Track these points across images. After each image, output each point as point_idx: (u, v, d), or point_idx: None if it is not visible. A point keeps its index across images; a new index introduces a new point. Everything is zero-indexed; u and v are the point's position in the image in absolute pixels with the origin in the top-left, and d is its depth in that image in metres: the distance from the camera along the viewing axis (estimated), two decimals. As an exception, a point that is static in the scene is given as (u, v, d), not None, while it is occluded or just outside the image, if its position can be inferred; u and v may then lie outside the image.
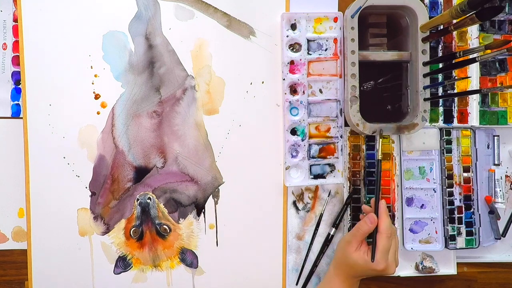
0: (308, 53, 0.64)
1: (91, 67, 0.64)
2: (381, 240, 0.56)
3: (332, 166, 0.66)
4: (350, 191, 0.67)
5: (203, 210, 0.66)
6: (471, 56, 0.54)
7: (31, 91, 0.63)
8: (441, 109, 0.67)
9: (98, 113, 0.64)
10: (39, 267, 0.65)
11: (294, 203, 0.67)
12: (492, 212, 0.67)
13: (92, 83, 0.64)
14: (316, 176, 0.65)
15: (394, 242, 0.58)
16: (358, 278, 0.60)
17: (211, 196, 0.66)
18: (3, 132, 0.65)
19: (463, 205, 0.67)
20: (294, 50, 0.64)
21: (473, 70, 0.67)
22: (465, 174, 0.67)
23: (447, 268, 0.68)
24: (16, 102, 0.65)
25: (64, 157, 0.64)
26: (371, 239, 0.58)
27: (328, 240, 0.66)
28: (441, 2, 0.66)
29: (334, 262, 0.61)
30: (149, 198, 0.65)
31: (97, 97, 0.64)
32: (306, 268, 0.67)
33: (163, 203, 0.65)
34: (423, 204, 0.67)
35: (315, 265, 0.66)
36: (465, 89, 0.67)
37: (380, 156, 0.61)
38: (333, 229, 0.66)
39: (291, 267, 0.67)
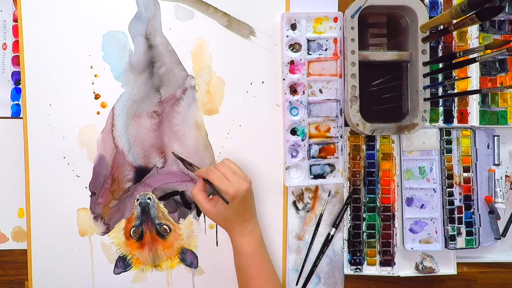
0: (308, 53, 0.64)
1: (91, 67, 0.64)
2: (210, 178, 0.56)
3: (332, 166, 0.66)
4: (350, 191, 0.67)
5: (203, 210, 0.66)
6: (471, 56, 0.54)
7: (31, 91, 0.63)
8: (441, 109, 0.67)
9: (98, 113, 0.64)
10: (39, 267, 0.65)
11: (294, 203, 0.67)
12: (492, 212, 0.67)
13: (92, 83, 0.64)
14: (316, 176, 0.65)
15: (228, 166, 0.58)
16: (241, 217, 0.58)
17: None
18: (3, 132, 0.65)
19: (463, 205, 0.67)
20: (294, 50, 0.64)
21: (473, 70, 0.67)
22: (465, 174, 0.67)
23: (447, 268, 0.68)
24: (16, 102, 0.65)
25: (64, 157, 0.64)
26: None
27: (328, 240, 0.66)
28: (441, 2, 0.66)
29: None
30: (149, 198, 0.65)
31: (97, 97, 0.64)
32: (306, 268, 0.67)
33: (163, 203, 0.65)
34: (423, 204, 0.67)
35: (315, 265, 0.66)
36: (465, 89, 0.67)
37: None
38: (333, 229, 0.66)
39: (291, 267, 0.67)
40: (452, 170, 0.67)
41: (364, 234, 0.67)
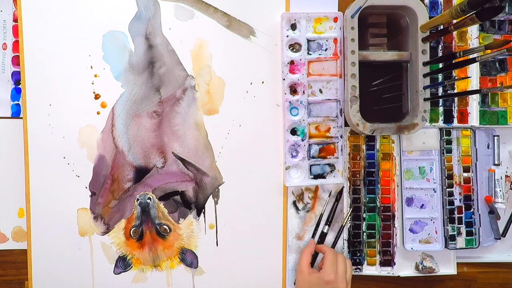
0: (308, 53, 0.64)
1: (91, 67, 0.64)
2: (328, 253, 0.61)
3: (332, 166, 0.66)
4: (350, 191, 0.67)
5: (203, 210, 0.66)
6: (471, 56, 0.54)
7: (31, 91, 0.63)
8: (441, 109, 0.67)
9: (98, 113, 0.64)
10: (39, 267, 0.65)
11: (294, 203, 0.67)
12: (492, 212, 0.67)
13: (92, 83, 0.64)
14: (316, 176, 0.65)
15: (343, 261, 0.61)
16: None
17: (211, 196, 0.66)
18: (3, 132, 0.65)
19: (463, 205, 0.67)
20: (294, 50, 0.64)
21: (473, 70, 0.67)
22: (465, 174, 0.67)
23: (447, 268, 0.68)
24: (16, 102, 0.65)
25: (64, 157, 0.64)
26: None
27: (322, 238, 0.66)
28: (441, 2, 0.66)
29: None
30: (149, 198, 0.65)
31: (97, 97, 0.64)
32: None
33: (163, 203, 0.65)
34: (423, 204, 0.67)
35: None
36: (465, 89, 0.67)
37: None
38: (326, 226, 0.66)
39: (291, 267, 0.67)
40: (452, 170, 0.67)
41: (364, 234, 0.67)
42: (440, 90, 0.67)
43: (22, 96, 0.63)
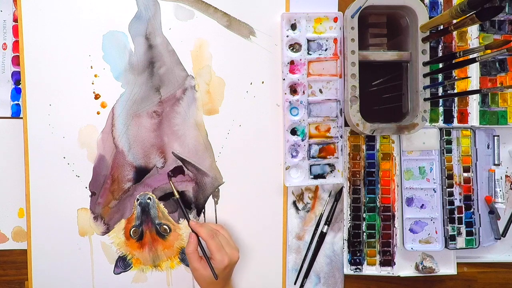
0: (308, 53, 0.64)
1: (91, 67, 0.64)
2: (208, 242, 0.58)
3: (332, 166, 0.66)
4: (350, 191, 0.67)
5: (203, 210, 0.66)
6: (471, 56, 0.54)
7: (31, 91, 0.63)
8: (441, 109, 0.67)
9: (98, 113, 0.64)
10: (39, 267, 0.65)
11: (294, 203, 0.67)
12: (492, 212, 0.67)
13: (92, 83, 0.64)
14: (316, 176, 0.65)
15: (222, 235, 0.61)
16: (224, 283, 0.60)
17: (211, 196, 0.66)
18: (3, 132, 0.65)
19: (463, 205, 0.67)
20: (294, 50, 0.64)
21: (473, 70, 0.67)
22: (465, 174, 0.67)
23: (447, 268, 0.68)
24: (16, 102, 0.65)
25: (64, 157, 0.64)
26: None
27: (322, 237, 0.66)
28: (441, 2, 0.66)
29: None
30: (149, 198, 0.65)
31: (97, 97, 0.64)
32: (304, 267, 0.67)
33: (163, 203, 0.65)
34: (423, 204, 0.67)
35: (311, 262, 0.66)
36: (465, 89, 0.67)
37: None
38: (326, 226, 0.66)
39: (291, 267, 0.67)
40: (452, 170, 0.67)
41: (364, 234, 0.67)
42: (440, 90, 0.67)
43: (22, 96, 0.63)
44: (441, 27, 0.61)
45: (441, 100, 0.66)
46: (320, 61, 0.64)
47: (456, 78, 0.67)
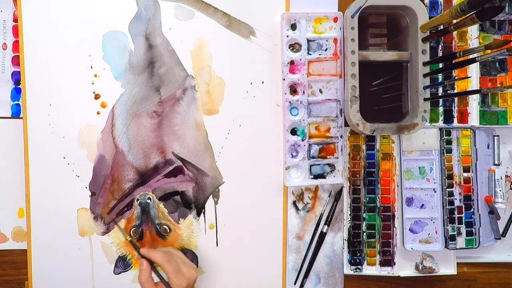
0: (308, 53, 0.64)
1: (91, 67, 0.64)
2: (166, 268, 0.56)
3: (332, 166, 0.66)
4: (350, 191, 0.67)
5: (203, 210, 0.66)
6: (471, 56, 0.54)
7: (31, 91, 0.63)
8: (441, 109, 0.67)
9: (98, 113, 0.64)
10: (39, 267, 0.65)
11: (294, 203, 0.67)
12: (492, 212, 0.67)
13: (92, 83, 0.64)
14: (316, 176, 0.65)
15: (176, 255, 0.59)
16: None
17: (211, 196, 0.66)
18: (3, 132, 0.65)
19: (463, 205, 0.67)
20: (294, 50, 0.64)
21: (473, 70, 0.67)
22: (465, 174, 0.67)
23: (447, 268, 0.68)
24: (16, 102, 0.65)
25: (64, 157, 0.64)
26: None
27: (321, 237, 0.66)
28: (441, 2, 0.66)
29: None
30: (149, 198, 0.65)
31: (97, 97, 0.64)
32: (304, 267, 0.67)
33: (163, 203, 0.65)
34: (423, 204, 0.67)
35: (311, 262, 0.66)
36: (465, 89, 0.67)
37: None
38: (326, 226, 0.66)
39: (291, 267, 0.67)
40: (452, 170, 0.67)
41: (364, 234, 0.67)
42: (440, 90, 0.67)
43: (22, 96, 0.63)
44: (441, 27, 0.61)
45: (441, 100, 0.66)
46: (320, 61, 0.64)
47: (456, 78, 0.67)
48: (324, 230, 0.66)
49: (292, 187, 0.66)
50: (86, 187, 0.64)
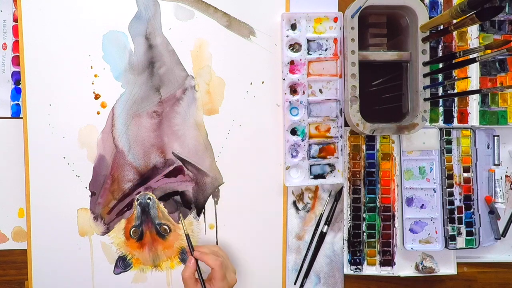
0: (308, 53, 0.64)
1: (91, 67, 0.64)
2: (216, 272, 0.57)
3: (332, 166, 0.66)
4: (350, 191, 0.67)
5: (203, 210, 0.66)
6: (471, 56, 0.54)
7: (31, 91, 0.63)
8: (441, 109, 0.67)
9: (98, 113, 0.64)
10: (39, 267, 0.65)
11: (294, 203, 0.67)
12: (492, 212, 0.67)
13: (92, 83, 0.64)
14: (316, 176, 0.65)
15: (225, 263, 0.59)
16: None
17: (211, 196, 0.66)
18: (3, 132, 0.65)
19: (463, 205, 0.67)
20: (294, 50, 0.64)
21: (473, 70, 0.67)
22: (465, 174, 0.67)
23: (447, 268, 0.68)
24: (16, 102, 0.65)
25: (64, 157, 0.64)
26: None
27: (321, 237, 0.66)
28: (441, 2, 0.66)
29: None
30: (149, 198, 0.65)
31: (97, 97, 0.64)
32: (304, 267, 0.67)
33: (163, 203, 0.65)
34: (423, 204, 0.67)
35: (311, 262, 0.66)
36: (465, 89, 0.67)
37: None
38: (326, 226, 0.66)
39: (291, 267, 0.67)
40: (452, 170, 0.67)
41: (364, 234, 0.67)
42: (440, 90, 0.67)
43: (22, 96, 0.63)
44: (441, 27, 0.61)
45: (441, 100, 0.66)
46: (320, 61, 0.64)
47: (456, 78, 0.67)
48: (324, 230, 0.66)
49: (292, 187, 0.66)
50: (86, 187, 0.64)
